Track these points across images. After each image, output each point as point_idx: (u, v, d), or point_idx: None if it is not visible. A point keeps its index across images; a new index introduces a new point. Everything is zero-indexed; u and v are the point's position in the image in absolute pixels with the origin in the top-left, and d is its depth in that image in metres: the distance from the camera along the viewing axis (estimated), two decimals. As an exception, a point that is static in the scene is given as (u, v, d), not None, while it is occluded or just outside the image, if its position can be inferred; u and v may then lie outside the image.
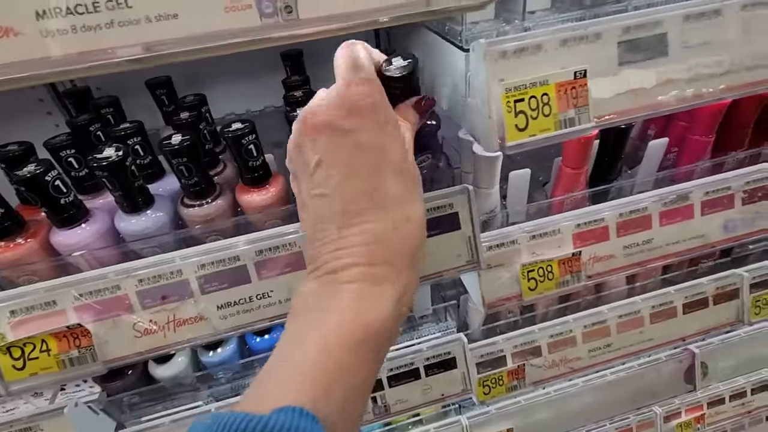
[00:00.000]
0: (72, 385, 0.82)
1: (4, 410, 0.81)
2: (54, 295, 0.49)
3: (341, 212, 0.31)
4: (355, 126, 0.31)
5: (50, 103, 0.78)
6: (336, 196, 0.31)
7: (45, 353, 0.49)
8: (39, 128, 0.78)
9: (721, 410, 1.29)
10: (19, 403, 0.82)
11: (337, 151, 0.32)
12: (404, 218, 0.32)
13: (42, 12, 0.31)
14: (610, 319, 0.84)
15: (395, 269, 0.31)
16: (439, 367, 0.77)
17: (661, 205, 0.66)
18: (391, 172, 0.32)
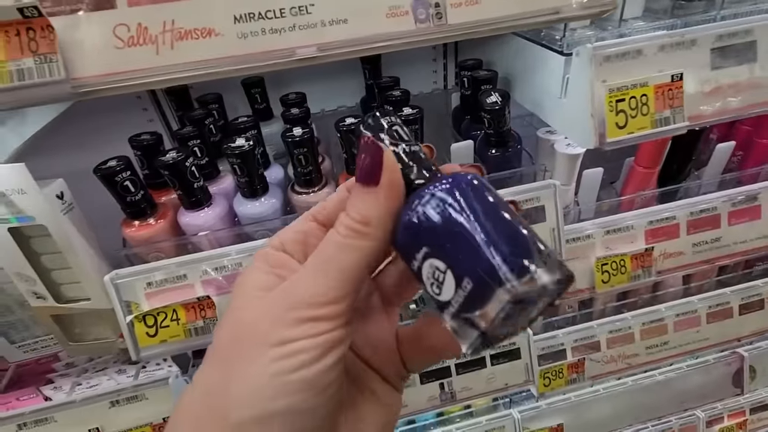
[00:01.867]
0: (153, 364, 0.87)
1: (88, 386, 0.87)
2: (185, 270, 0.54)
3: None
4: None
5: (146, 101, 0.84)
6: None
7: (175, 322, 0.54)
8: (134, 122, 0.84)
9: (764, 416, 1.29)
10: (102, 378, 0.88)
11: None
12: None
13: (239, 16, 0.37)
14: (668, 317, 0.87)
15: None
16: (505, 357, 0.81)
17: (730, 205, 0.69)
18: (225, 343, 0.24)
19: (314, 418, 0.22)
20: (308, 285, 0.22)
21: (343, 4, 0.38)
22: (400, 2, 0.38)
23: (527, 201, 0.59)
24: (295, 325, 0.21)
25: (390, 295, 0.29)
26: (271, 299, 0.22)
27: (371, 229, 0.22)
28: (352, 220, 0.22)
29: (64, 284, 0.59)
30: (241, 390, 0.21)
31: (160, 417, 0.66)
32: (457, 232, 0.20)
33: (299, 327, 0.21)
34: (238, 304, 0.23)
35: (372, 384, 0.27)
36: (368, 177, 0.22)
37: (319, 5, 0.37)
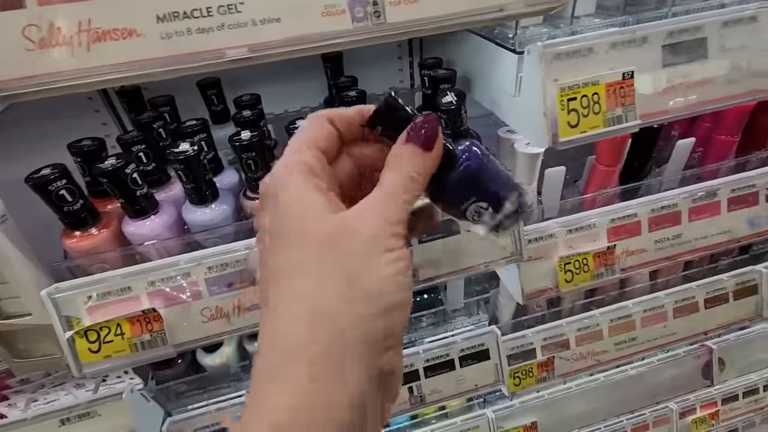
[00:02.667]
0: (113, 377, 0.84)
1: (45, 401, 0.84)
2: (129, 282, 0.52)
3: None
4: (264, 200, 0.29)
5: (98, 102, 0.81)
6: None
7: (119, 336, 0.52)
8: (87, 126, 0.81)
9: (735, 406, 1.31)
10: (60, 393, 0.84)
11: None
12: (303, 302, 0.27)
13: (162, 16, 0.34)
14: (635, 313, 0.87)
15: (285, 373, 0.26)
16: (474, 358, 0.80)
17: (691, 201, 0.69)
18: (293, 243, 0.28)
19: (408, 311, 0.28)
20: (390, 209, 0.28)
21: (276, 2, 0.36)
22: (337, 1, 0.37)
23: (486, 202, 0.58)
24: (392, 238, 0.27)
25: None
26: (368, 219, 0.27)
27: (421, 179, 0.30)
28: (413, 172, 0.29)
29: (2, 299, 0.56)
30: (370, 285, 0.26)
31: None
32: (491, 181, 0.32)
33: (395, 240, 0.27)
34: (314, 225, 0.27)
35: None
36: (427, 143, 0.30)
37: (249, 4, 0.35)
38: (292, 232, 0.27)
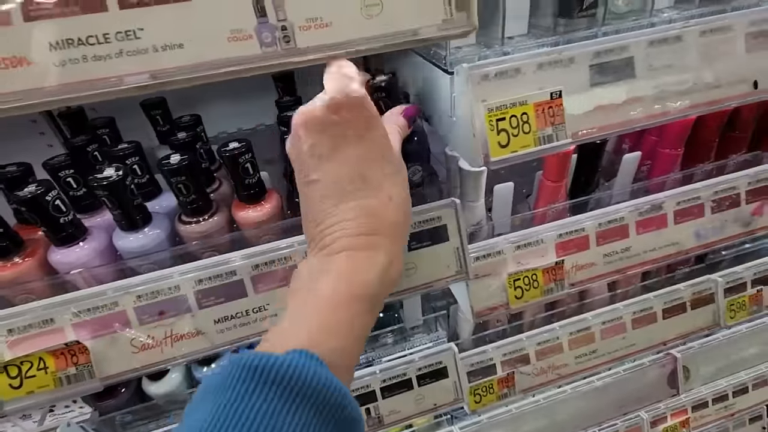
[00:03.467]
0: (61, 406, 0.81)
1: (-11, 435, 0.80)
2: (52, 313, 0.50)
3: (333, 194, 0.36)
4: (343, 119, 0.35)
5: (43, 124, 0.79)
6: (327, 180, 0.36)
7: (42, 371, 0.50)
8: (32, 149, 0.79)
9: (705, 413, 1.32)
10: (7, 425, 0.81)
11: (328, 141, 0.35)
12: (388, 198, 0.37)
13: (56, 43, 0.33)
14: (594, 325, 0.87)
15: (384, 239, 0.36)
16: (431, 377, 0.79)
17: (637, 214, 0.70)
18: (376, 158, 0.37)
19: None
20: (393, 146, 0.40)
21: (177, 28, 0.35)
22: (243, 26, 0.36)
23: (427, 221, 0.57)
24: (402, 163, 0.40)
25: None
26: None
27: (403, 132, 0.45)
28: (401, 124, 0.45)
29: None
30: (400, 196, 0.39)
31: (48, 471, 0.61)
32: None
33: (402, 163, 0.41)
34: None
35: None
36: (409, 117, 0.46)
37: (149, 30, 0.34)
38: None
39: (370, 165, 0.36)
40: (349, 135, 0.35)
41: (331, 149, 0.35)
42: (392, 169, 0.38)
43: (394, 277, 0.37)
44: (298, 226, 0.54)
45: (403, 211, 0.39)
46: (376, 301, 0.36)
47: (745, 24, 0.54)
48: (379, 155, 0.37)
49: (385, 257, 0.36)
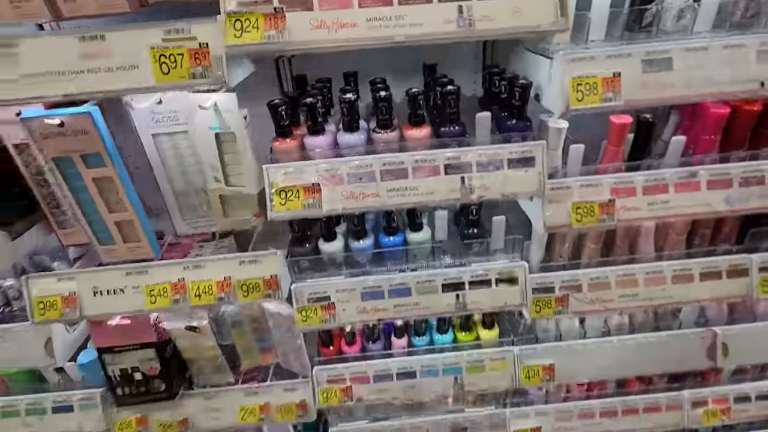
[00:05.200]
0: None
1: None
2: (303, 168, 0.91)
3: None
4: None
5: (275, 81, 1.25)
6: None
7: (296, 198, 0.91)
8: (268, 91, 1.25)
9: (747, 408, 1.45)
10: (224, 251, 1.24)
11: None
12: None
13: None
14: (639, 273, 1.12)
15: None
16: (505, 281, 1.10)
17: (677, 177, 0.97)
18: None
19: None
20: None
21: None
22: (450, 16, 0.74)
23: (524, 151, 0.91)
24: None
25: None
26: None
27: None
28: None
29: (232, 175, 0.97)
30: None
31: (268, 274, 1.01)
32: None
33: None
34: None
35: None
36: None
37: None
38: None
39: None
40: None
41: None
42: None
43: None
44: (439, 145, 0.91)
45: None
46: None
47: (757, 43, 0.82)
48: None
49: None
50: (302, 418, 1.27)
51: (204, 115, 0.90)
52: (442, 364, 1.26)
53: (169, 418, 1.25)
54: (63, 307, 1.00)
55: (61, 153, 0.87)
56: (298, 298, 1.08)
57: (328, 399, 1.26)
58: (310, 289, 1.08)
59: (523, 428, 1.41)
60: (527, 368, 1.27)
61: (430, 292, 1.09)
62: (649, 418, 1.43)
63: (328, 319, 1.08)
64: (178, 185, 1.03)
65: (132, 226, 0.98)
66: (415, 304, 1.09)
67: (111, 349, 1.14)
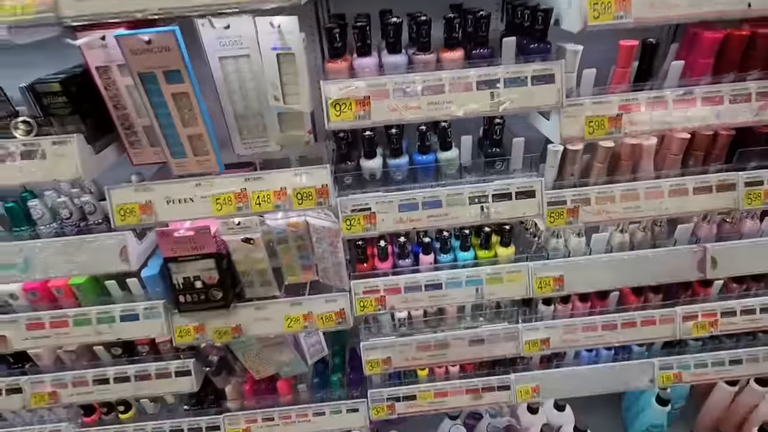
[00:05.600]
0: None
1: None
2: (355, 84, 1.04)
3: None
4: None
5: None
6: None
7: (349, 110, 1.05)
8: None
9: (733, 321, 1.63)
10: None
11: None
12: None
13: None
14: (640, 188, 1.28)
15: None
16: (525, 195, 1.25)
17: (674, 95, 1.12)
18: None
19: None
20: None
21: None
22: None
23: (545, 69, 1.05)
24: None
25: None
26: None
27: None
28: None
29: (289, 94, 1.11)
30: None
31: (320, 184, 1.16)
32: None
33: None
34: None
35: None
36: None
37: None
38: None
39: None
40: None
41: None
42: None
43: None
44: (471, 65, 1.06)
45: None
46: None
47: (747, -32, 0.96)
48: None
49: None
50: (341, 324, 1.43)
51: (269, 36, 1.03)
52: (465, 276, 1.42)
53: (223, 325, 1.41)
54: (140, 213, 1.15)
55: (146, 69, 1.00)
56: (343, 209, 1.23)
57: (364, 308, 1.42)
58: (353, 201, 1.23)
59: (533, 339, 1.59)
60: (540, 279, 1.44)
61: (458, 204, 1.24)
62: (645, 331, 1.61)
63: (370, 228, 1.24)
64: (239, 108, 1.16)
65: (201, 140, 1.11)
66: (445, 215, 1.25)
67: (176, 258, 1.28)
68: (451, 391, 1.73)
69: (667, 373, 1.76)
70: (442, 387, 1.72)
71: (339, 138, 1.19)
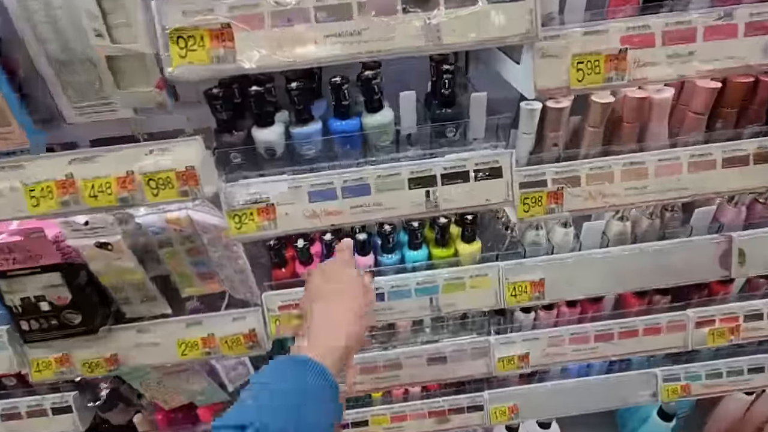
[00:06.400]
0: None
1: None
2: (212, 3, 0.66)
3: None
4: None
5: None
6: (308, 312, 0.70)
7: (202, 48, 0.67)
8: None
9: (760, 326, 1.30)
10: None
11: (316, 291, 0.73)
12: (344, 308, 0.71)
13: None
14: (650, 161, 0.92)
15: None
16: (488, 174, 0.89)
17: (708, 19, 0.74)
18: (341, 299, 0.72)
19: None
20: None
21: None
22: None
23: (508, -22, 0.67)
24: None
25: None
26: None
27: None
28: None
29: (116, 26, 0.72)
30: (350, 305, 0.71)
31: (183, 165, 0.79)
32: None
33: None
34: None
35: None
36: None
37: None
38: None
39: (334, 301, 0.71)
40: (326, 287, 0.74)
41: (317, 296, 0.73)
42: (346, 302, 0.71)
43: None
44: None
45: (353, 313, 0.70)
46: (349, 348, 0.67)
47: None
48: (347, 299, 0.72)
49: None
50: (253, 349, 1.09)
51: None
52: (414, 283, 1.07)
53: (94, 354, 1.06)
54: None
55: None
56: (229, 199, 0.86)
57: (282, 328, 1.08)
58: (243, 189, 0.86)
59: (508, 355, 1.26)
60: (513, 284, 1.09)
61: (393, 189, 0.88)
62: (648, 341, 1.28)
63: (268, 226, 0.87)
64: (54, 52, 0.77)
65: (-9, 103, 0.73)
66: (377, 205, 0.88)
67: (4, 273, 0.92)
68: (411, 414, 1.41)
69: (672, 386, 1.44)
70: (400, 410, 1.40)
71: (211, 96, 0.81)
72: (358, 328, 0.69)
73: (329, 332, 0.66)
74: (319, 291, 0.72)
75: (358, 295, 0.72)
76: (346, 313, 0.68)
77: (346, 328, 0.67)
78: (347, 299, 0.70)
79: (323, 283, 0.73)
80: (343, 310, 0.69)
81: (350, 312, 0.69)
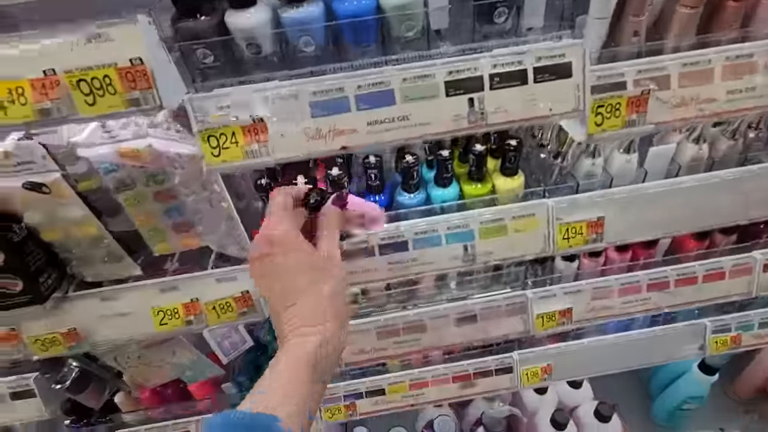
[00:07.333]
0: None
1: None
2: None
3: (279, 308, 0.53)
4: (272, 251, 0.54)
5: None
6: (272, 298, 0.55)
7: None
8: None
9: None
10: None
11: (264, 270, 0.55)
12: (317, 295, 0.53)
13: None
14: (762, 52, 0.69)
15: (315, 327, 0.52)
16: (552, 72, 0.65)
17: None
18: (303, 271, 0.53)
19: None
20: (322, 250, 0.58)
21: None
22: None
23: None
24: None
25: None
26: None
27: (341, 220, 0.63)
28: (336, 219, 0.62)
29: None
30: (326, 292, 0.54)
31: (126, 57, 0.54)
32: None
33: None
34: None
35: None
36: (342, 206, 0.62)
37: None
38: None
39: (299, 276, 0.53)
40: (278, 261, 0.53)
41: (266, 276, 0.55)
42: (317, 272, 0.54)
43: (330, 351, 0.52)
44: None
45: (331, 302, 0.53)
46: (320, 369, 0.51)
47: None
48: (306, 267, 0.54)
49: (317, 338, 0.51)
50: (247, 315, 0.88)
51: None
52: (445, 228, 0.86)
53: (47, 329, 0.85)
54: None
55: None
56: (199, 115, 0.62)
57: (281, 288, 0.87)
58: (220, 101, 0.62)
59: (549, 311, 1.08)
60: (566, 226, 0.88)
61: (425, 97, 0.64)
62: (708, 289, 1.10)
63: (257, 151, 0.64)
64: None
65: None
66: (403, 119, 0.65)
67: None
68: (433, 380, 1.25)
69: (722, 337, 1.29)
70: (420, 376, 1.23)
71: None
72: (337, 342, 0.54)
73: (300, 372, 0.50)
74: (275, 299, 0.54)
75: (333, 293, 0.54)
76: (322, 333, 0.52)
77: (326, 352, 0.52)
78: (322, 305, 0.53)
79: (274, 284, 0.55)
80: (319, 331, 0.52)
81: (326, 332, 0.52)
